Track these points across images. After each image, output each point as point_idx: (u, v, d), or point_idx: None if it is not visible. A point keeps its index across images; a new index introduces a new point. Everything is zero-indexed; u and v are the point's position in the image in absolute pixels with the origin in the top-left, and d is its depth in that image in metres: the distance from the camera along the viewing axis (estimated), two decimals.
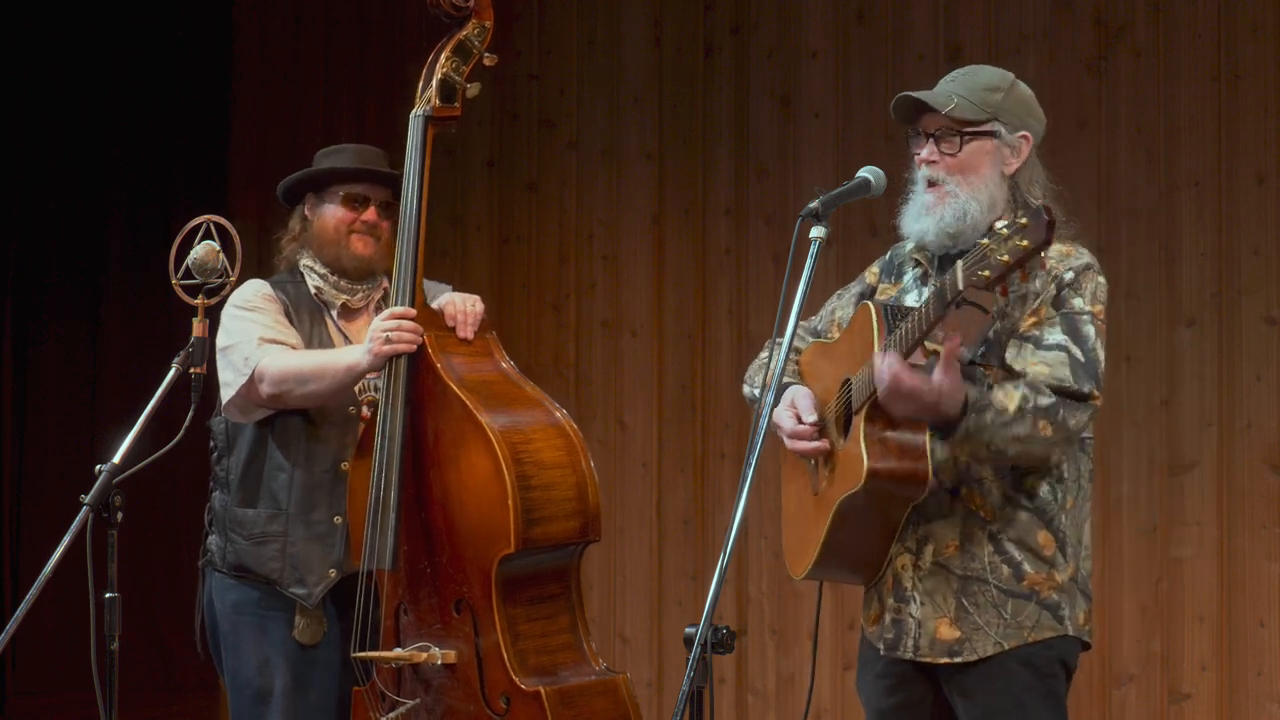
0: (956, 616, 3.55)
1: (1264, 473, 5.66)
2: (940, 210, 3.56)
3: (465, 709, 4.02)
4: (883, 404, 3.40)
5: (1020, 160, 3.59)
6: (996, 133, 3.56)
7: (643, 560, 6.70)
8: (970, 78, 3.61)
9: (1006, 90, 3.58)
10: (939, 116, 3.56)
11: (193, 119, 7.72)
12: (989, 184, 3.56)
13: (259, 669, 4.32)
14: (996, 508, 3.53)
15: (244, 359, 4.24)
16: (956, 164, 3.56)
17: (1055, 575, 3.56)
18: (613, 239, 6.82)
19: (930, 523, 3.56)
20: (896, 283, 3.73)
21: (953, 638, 3.55)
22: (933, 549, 3.56)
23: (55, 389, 7.66)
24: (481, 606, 3.99)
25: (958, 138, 3.55)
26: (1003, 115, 3.57)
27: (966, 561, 3.54)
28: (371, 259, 4.39)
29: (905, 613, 3.59)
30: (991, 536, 3.53)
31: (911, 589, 3.58)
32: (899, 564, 3.59)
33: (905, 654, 3.59)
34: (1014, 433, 3.41)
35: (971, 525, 3.54)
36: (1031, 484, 3.55)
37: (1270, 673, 5.64)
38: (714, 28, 6.64)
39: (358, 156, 4.45)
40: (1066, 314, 3.50)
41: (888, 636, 3.62)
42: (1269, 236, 5.67)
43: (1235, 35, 5.72)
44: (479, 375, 4.13)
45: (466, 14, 4.21)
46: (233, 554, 4.35)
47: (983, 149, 3.56)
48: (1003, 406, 3.40)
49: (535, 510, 3.97)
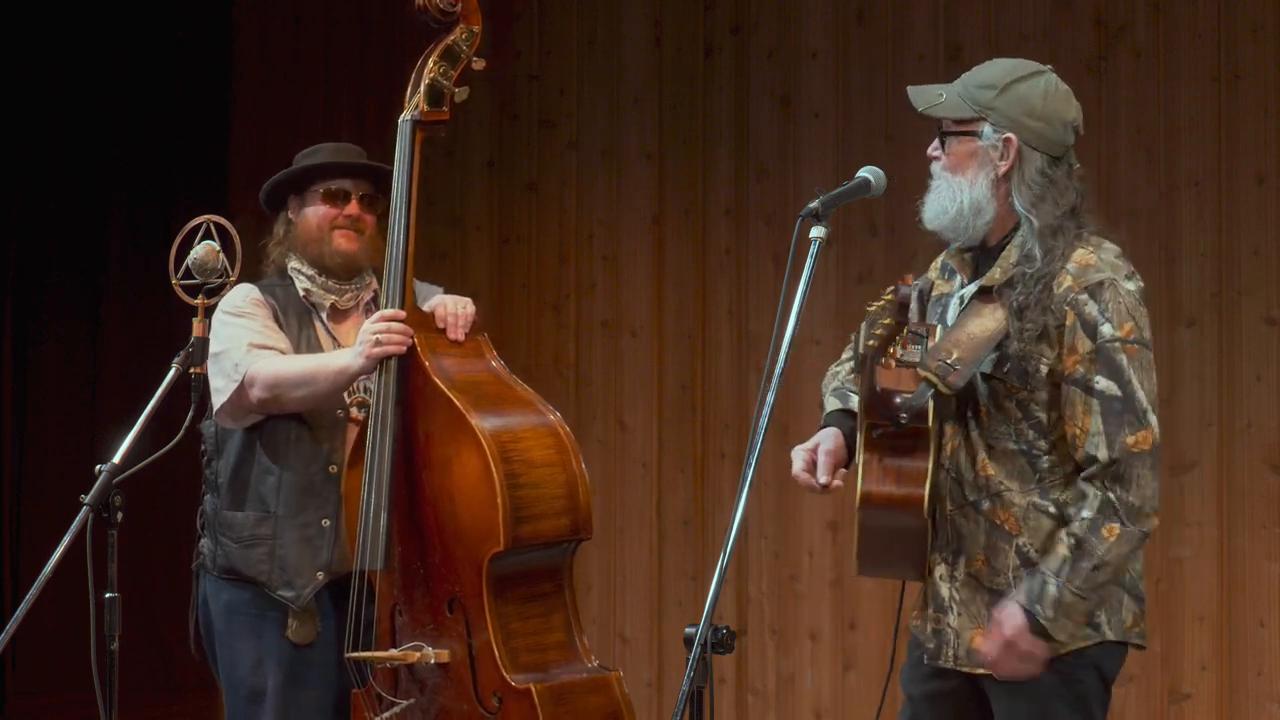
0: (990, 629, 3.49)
1: (1264, 473, 5.66)
2: (928, 204, 3.54)
3: (459, 708, 4.03)
4: (996, 664, 3.42)
5: (1009, 163, 3.46)
6: (979, 133, 3.46)
7: (643, 560, 6.70)
8: (972, 74, 3.53)
9: (1001, 88, 3.46)
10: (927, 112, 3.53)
11: (193, 119, 7.72)
12: (973, 185, 3.48)
13: (252, 669, 4.33)
14: (1020, 519, 3.48)
15: (234, 365, 4.24)
16: (948, 162, 3.51)
17: None
18: (613, 239, 6.82)
19: (962, 537, 3.53)
20: (949, 281, 3.65)
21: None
22: (965, 560, 3.53)
23: (55, 389, 7.66)
24: (473, 605, 4.00)
25: (943, 136, 3.52)
26: (991, 115, 3.45)
27: (993, 576, 3.50)
28: (356, 254, 4.38)
29: (944, 622, 3.56)
30: (1018, 550, 3.48)
31: (949, 599, 3.55)
32: (938, 574, 3.56)
33: (946, 663, 3.57)
34: (1082, 577, 3.36)
35: (996, 539, 3.49)
36: (1058, 493, 3.47)
37: (1270, 673, 5.64)
38: (714, 28, 6.64)
39: (335, 153, 4.45)
40: (1100, 348, 3.40)
41: (929, 646, 3.60)
42: (1269, 236, 5.67)
43: (1235, 35, 5.72)
44: (469, 376, 4.14)
45: (454, 19, 4.22)
46: (223, 557, 4.35)
47: (966, 149, 3.48)
48: (1054, 567, 3.38)
49: (524, 509, 3.99)
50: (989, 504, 3.49)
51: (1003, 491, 3.48)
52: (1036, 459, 3.47)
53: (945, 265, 3.67)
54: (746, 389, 6.49)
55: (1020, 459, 3.47)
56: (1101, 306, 3.41)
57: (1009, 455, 3.48)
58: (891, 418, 3.40)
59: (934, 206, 3.52)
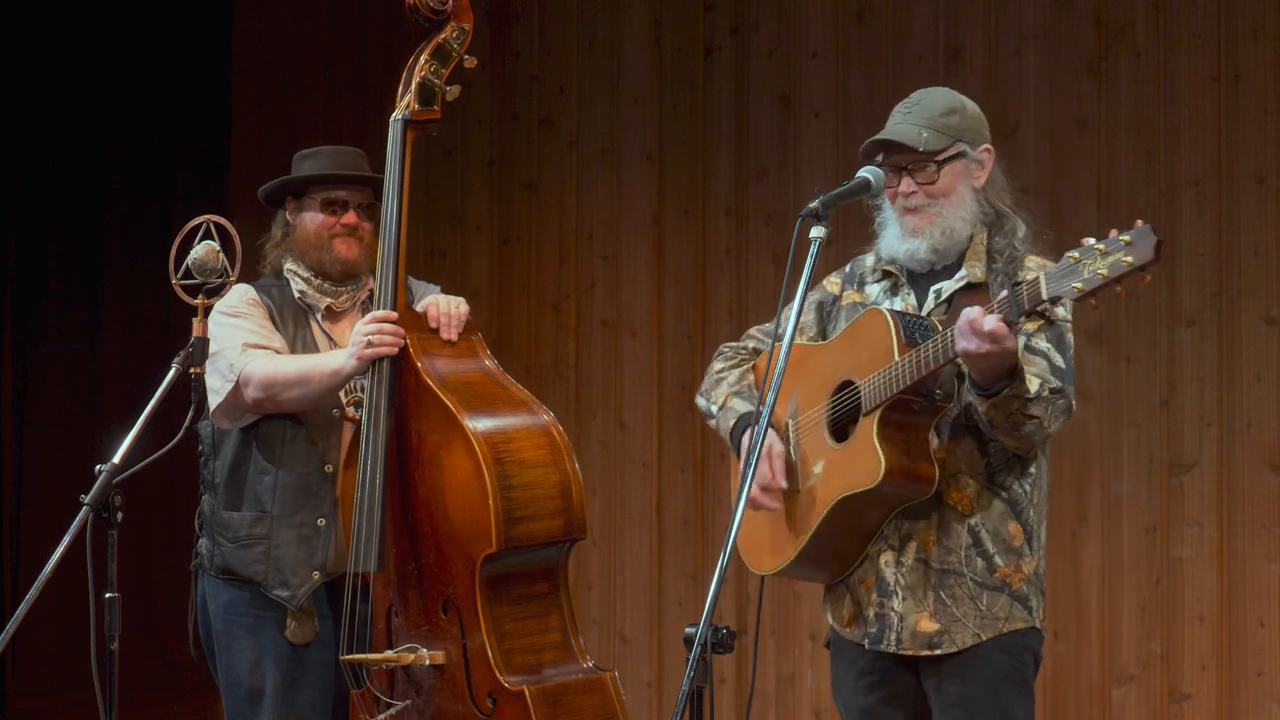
0: (935, 610, 3.67)
1: (1264, 473, 5.66)
2: (929, 230, 3.72)
3: (454, 709, 4.03)
4: (964, 350, 3.44)
5: (986, 172, 3.76)
6: (963, 153, 3.73)
7: (643, 560, 6.70)
8: (925, 108, 3.75)
9: (960, 111, 3.75)
10: (910, 152, 3.70)
11: (193, 119, 7.73)
12: (965, 201, 3.73)
13: (250, 668, 4.33)
14: (973, 500, 3.66)
15: (229, 366, 4.25)
16: (936, 189, 3.72)
17: (1023, 566, 3.71)
18: (613, 239, 6.82)
19: (912, 520, 3.69)
20: (860, 291, 3.87)
21: (932, 630, 3.68)
22: (915, 545, 3.69)
23: (55, 389, 7.66)
24: (467, 607, 4.01)
25: (934, 167, 3.71)
26: (964, 135, 3.73)
27: (943, 555, 3.67)
28: (356, 260, 4.41)
29: (888, 607, 3.71)
30: (969, 529, 3.67)
31: (894, 584, 3.70)
32: (881, 561, 3.72)
33: (888, 648, 3.71)
34: (1031, 412, 3.54)
35: (949, 520, 3.67)
36: (1004, 478, 3.68)
37: (1270, 673, 5.64)
38: (714, 28, 6.64)
39: (334, 159, 4.45)
40: (1053, 322, 3.65)
41: (871, 631, 3.74)
42: (1269, 236, 5.67)
43: (1235, 35, 5.72)
44: (462, 376, 4.14)
45: (445, 17, 4.23)
46: (220, 557, 4.36)
47: (954, 171, 3.72)
48: (1027, 385, 3.54)
49: (517, 509, 3.99)
50: (943, 485, 3.66)
51: (956, 473, 3.67)
52: (985, 443, 3.67)
53: (851, 278, 3.90)
54: None
55: (971, 443, 3.67)
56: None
57: (962, 438, 3.66)
58: (928, 394, 3.59)
59: (941, 229, 3.72)
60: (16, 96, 7.49)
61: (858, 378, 3.65)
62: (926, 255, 3.72)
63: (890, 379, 3.57)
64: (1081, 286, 3.26)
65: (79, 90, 7.64)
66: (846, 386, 3.70)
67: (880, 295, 3.82)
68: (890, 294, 3.81)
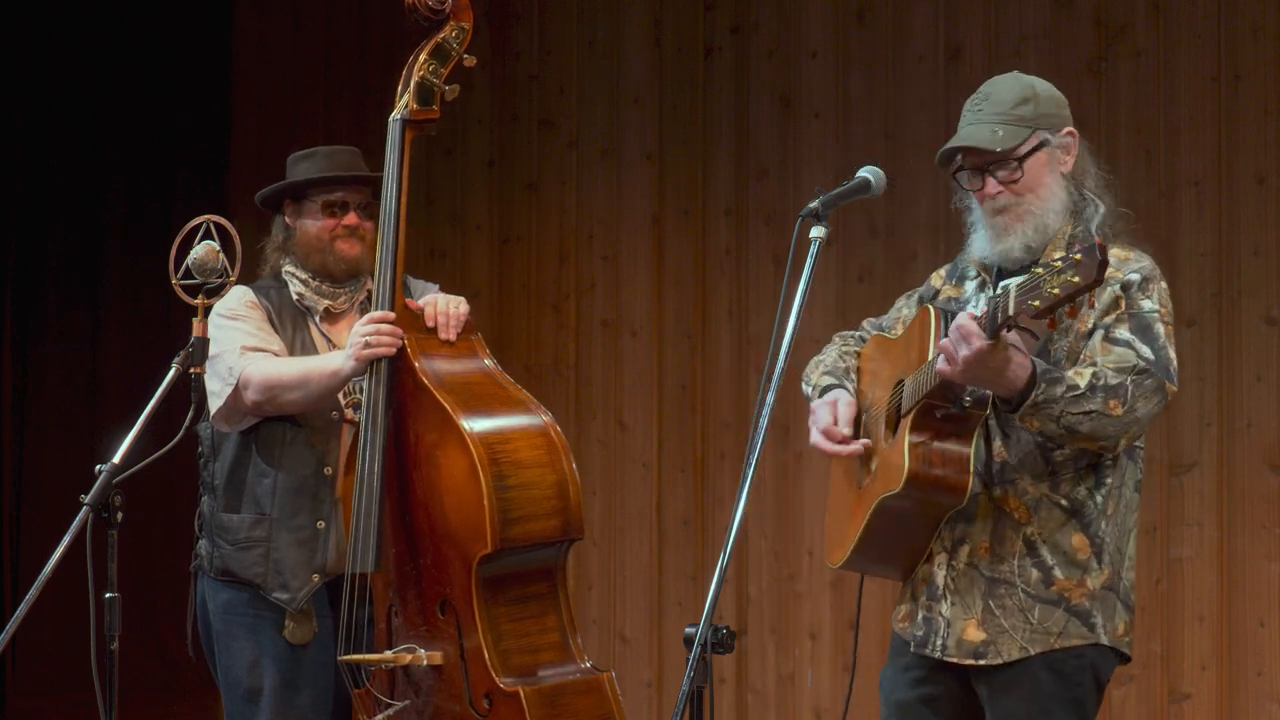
0: (983, 619, 3.55)
1: (1264, 473, 5.66)
2: (1020, 228, 3.57)
3: (451, 709, 4.03)
4: (948, 373, 3.37)
5: (1073, 156, 3.63)
6: (1045, 142, 3.58)
7: (643, 560, 6.70)
8: (995, 103, 3.60)
9: (1033, 98, 3.59)
10: (988, 153, 3.56)
11: (193, 119, 7.73)
12: (1055, 191, 3.58)
13: (249, 669, 4.34)
14: (1031, 509, 3.52)
15: (228, 368, 4.25)
16: (1022, 185, 3.57)
17: (1087, 581, 3.54)
18: (613, 239, 6.82)
19: (967, 524, 3.56)
20: (958, 287, 3.74)
21: (979, 639, 3.55)
22: (967, 550, 3.57)
23: (55, 389, 7.66)
24: (464, 607, 4.00)
25: (1015, 164, 3.56)
26: (1041, 123, 3.58)
27: (995, 564, 3.54)
28: (359, 259, 4.41)
29: (936, 611, 3.60)
30: (1025, 539, 3.53)
31: (944, 588, 3.59)
32: (935, 562, 3.60)
33: (933, 653, 3.60)
34: (1085, 408, 3.38)
35: (1004, 527, 3.54)
36: (1070, 487, 3.53)
37: (1270, 673, 5.64)
38: (714, 28, 6.64)
39: (331, 160, 4.45)
40: (1135, 314, 3.50)
41: (918, 634, 3.63)
42: (1269, 236, 5.67)
43: (1235, 35, 5.72)
44: (459, 376, 4.14)
45: (444, 17, 4.22)
46: (219, 559, 4.36)
47: (1039, 162, 3.58)
48: (1074, 382, 3.39)
49: (513, 510, 3.98)
50: (1000, 490, 3.54)
51: (1015, 479, 3.53)
52: (1050, 450, 3.52)
53: (954, 272, 3.75)
54: (746, 389, 6.49)
55: (1033, 448, 3.52)
56: (1146, 287, 3.54)
57: (1024, 443, 3.52)
58: (955, 400, 3.47)
59: (1033, 225, 3.56)
60: (16, 96, 7.49)
61: (906, 375, 3.58)
62: (1021, 254, 3.57)
63: (921, 381, 3.49)
64: (1038, 304, 3.18)
65: (79, 90, 7.65)
66: (900, 384, 3.62)
67: (973, 291, 3.69)
68: (980, 291, 3.68)
